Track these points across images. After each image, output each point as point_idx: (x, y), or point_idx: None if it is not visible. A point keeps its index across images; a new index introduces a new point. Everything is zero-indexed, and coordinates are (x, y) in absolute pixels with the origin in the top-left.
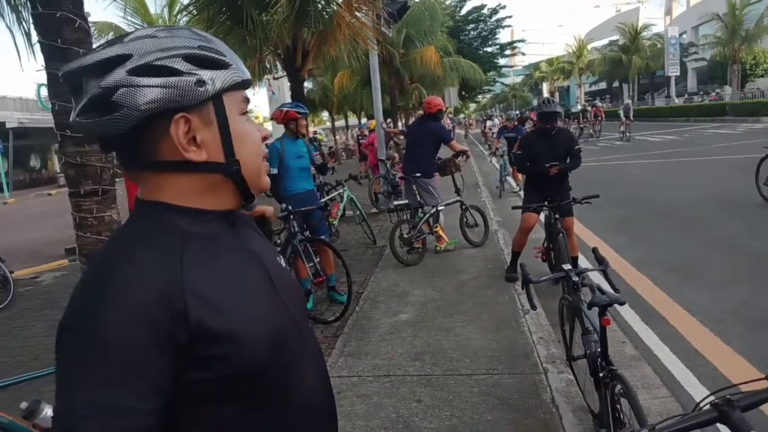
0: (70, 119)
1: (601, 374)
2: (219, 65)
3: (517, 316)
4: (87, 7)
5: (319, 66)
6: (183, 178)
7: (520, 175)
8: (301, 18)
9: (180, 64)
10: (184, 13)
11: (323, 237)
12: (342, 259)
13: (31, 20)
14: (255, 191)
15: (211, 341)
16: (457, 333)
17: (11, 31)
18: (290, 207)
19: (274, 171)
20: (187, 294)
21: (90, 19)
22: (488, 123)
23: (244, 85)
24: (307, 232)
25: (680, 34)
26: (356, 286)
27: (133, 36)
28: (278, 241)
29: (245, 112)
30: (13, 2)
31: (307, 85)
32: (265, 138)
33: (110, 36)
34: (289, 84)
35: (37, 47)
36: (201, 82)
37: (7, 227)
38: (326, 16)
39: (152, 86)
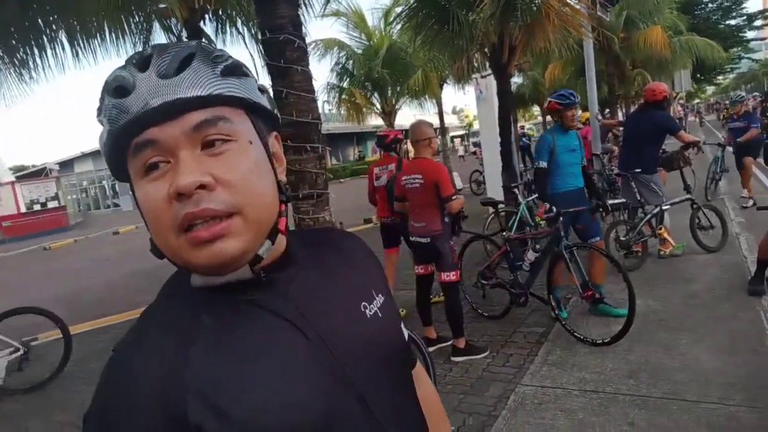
0: None
1: None
2: (111, 122)
3: (763, 338)
4: (314, 27)
5: (528, 60)
6: None
7: (750, 181)
8: (507, 13)
9: None
10: (397, 21)
11: (598, 239)
12: (619, 266)
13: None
14: (191, 270)
15: None
16: (682, 351)
17: (252, 57)
18: (554, 208)
19: (544, 164)
20: (189, 393)
21: (317, 37)
22: None
23: (129, 132)
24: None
25: None
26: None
27: None
28: (537, 247)
29: (150, 166)
30: (253, 30)
31: (517, 80)
32: (180, 195)
33: (334, 51)
34: (495, 82)
35: (266, 70)
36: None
37: None
38: (534, 8)
39: None
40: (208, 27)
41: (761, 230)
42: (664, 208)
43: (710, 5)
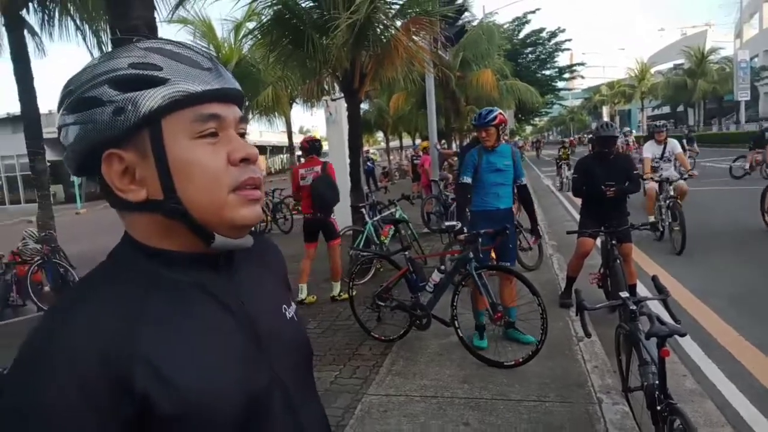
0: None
1: (658, 407)
2: (153, 82)
3: (571, 344)
4: (160, 32)
5: (376, 87)
6: (139, 217)
7: None
8: (360, 42)
9: (104, 92)
10: (249, 36)
11: (509, 264)
12: (534, 291)
13: (110, 44)
14: (221, 230)
15: (162, 421)
16: (509, 358)
17: (91, 54)
18: (465, 228)
19: (467, 180)
20: (135, 359)
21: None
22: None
23: (201, 98)
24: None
25: (751, 58)
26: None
27: (84, 66)
28: (443, 267)
29: (209, 134)
30: (94, 27)
31: (364, 106)
32: (246, 159)
33: None
34: (345, 105)
35: None
36: (119, 110)
37: (78, 236)
38: (384, 40)
39: (76, 123)
40: (32, 17)
41: (569, 251)
42: None
43: (530, 56)
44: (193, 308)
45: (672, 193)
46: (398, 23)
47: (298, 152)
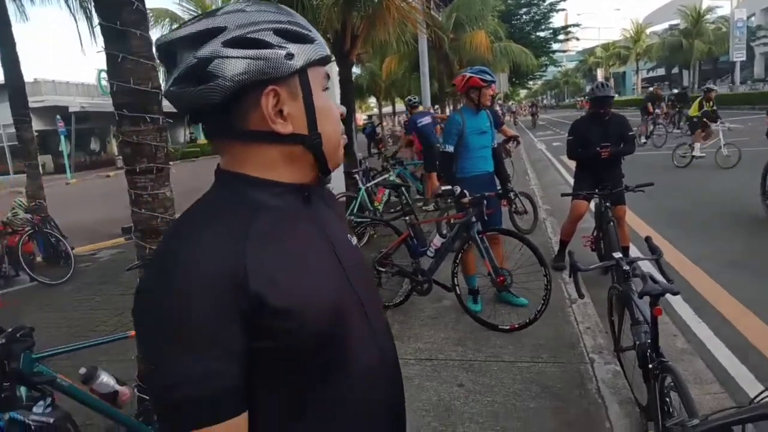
0: (164, 90)
1: (650, 366)
2: (305, 39)
3: (564, 305)
4: None
5: (368, 51)
6: (266, 149)
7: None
8: (350, 2)
9: (271, 38)
10: None
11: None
12: (543, 262)
13: (92, 4)
14: (332, 166)
15: (271, 314)
16: (501, 320)
17: (75, 18)
18: (466, 191)
19: (450, 149)
20: (248, 269)
21: (147, 5)
22: None
23: (325, 60)
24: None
25: (748, 17)
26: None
27: (224, 10)
28: (444, 232)
29: (326, 88)
30: None
31: (356, 70)
32: (342, 116)
33: (166, 22)
34: (337, 69)
35: (98, 31)
36: (290, 56)
37: (69, 207)
38: (376, 0)
39: (245, 58)
40: None
41: (563, 215)
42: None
43: (524, 17)
44: (292, 229)
45: None
46: None
47: None
